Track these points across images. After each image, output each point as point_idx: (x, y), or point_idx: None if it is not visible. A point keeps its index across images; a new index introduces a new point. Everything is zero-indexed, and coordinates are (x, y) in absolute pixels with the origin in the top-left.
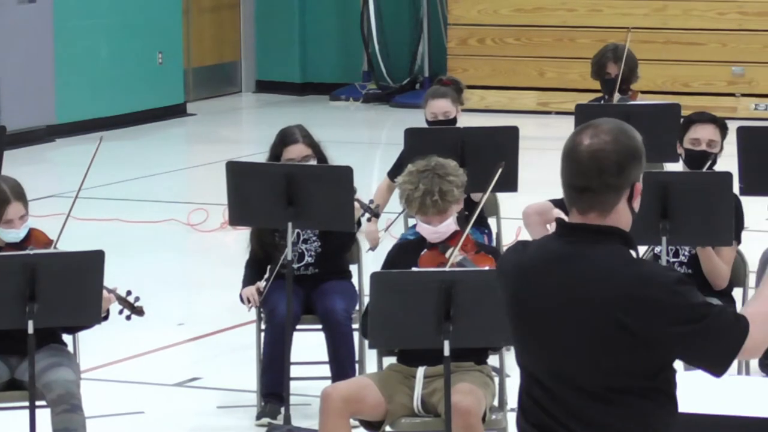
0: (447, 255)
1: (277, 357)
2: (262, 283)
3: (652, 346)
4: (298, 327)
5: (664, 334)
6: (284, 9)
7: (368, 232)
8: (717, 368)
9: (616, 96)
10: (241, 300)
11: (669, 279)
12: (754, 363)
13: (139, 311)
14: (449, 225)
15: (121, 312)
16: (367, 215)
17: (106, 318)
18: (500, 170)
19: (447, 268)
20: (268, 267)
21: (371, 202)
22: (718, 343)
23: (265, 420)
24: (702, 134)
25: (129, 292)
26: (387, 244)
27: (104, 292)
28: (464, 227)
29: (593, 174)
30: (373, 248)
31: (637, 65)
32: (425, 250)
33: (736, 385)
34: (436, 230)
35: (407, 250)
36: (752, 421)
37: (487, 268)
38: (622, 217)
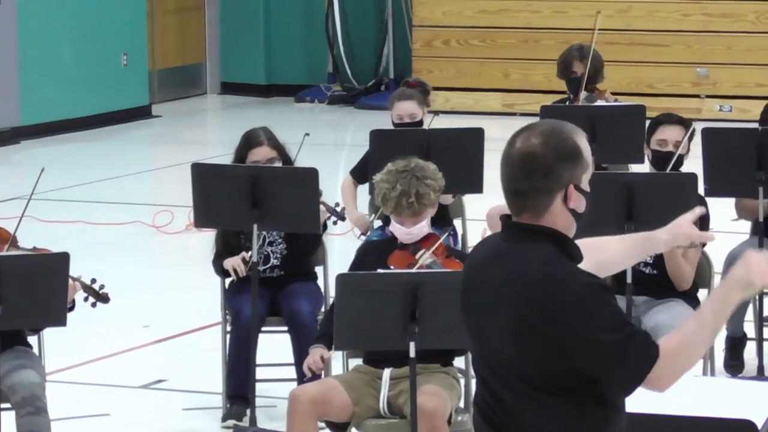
0: (417, 257)
1: (242, 359)
2: (247, 254)
3: (561, 349)
4: (263, 329)
5: (569, 339)
6: (249, 11)
7: (357, 219)
8: (618, 391)
9: (582, 94)
10: (223, 273)
11: (579, 284)
12: (720, 364)
13: (105, 298)
14: (422, 228)
15: (86, 299)
16: (333, 218)
17: (72, 308)
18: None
19: (415, 270)
20: (243, 251)
21: (337, 204)
22: (621, 366)
23: (231, 422)
24: (669, 135)
25: (94, 280)
26: (353, 245)
27: (69, 280)
28: (441, 232)
29: (521, 177)
30: (364, 233)
31: (602, 65)
32: (396, 249)
33: (700, 385)
34: (409, 232)
35: (375, 251)
36: (715, 422)
37: (451, 270)
38: (558, 219)
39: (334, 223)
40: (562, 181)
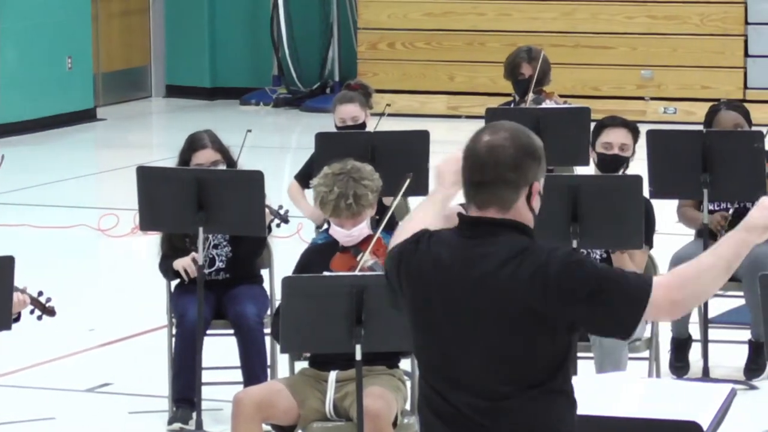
0: (358, 259)
1: (187, 362)
2: (197, 256)
3: (560, 327)
4: (208, 332)
5: (571, 309)
6: (194, 13)
7: (311, 212)
8: (623, 332)
9: (530, 96)
10: (171, 275)
11: (563, 254)
12: (665, 366)
13: (51, 311)
14: (362, 229)
15: (32, 312)
16: (276, 221)
17: (17, 320)
18: (408, 181)
19: (358, 272)
20: (193, 252)
21: (280, 207)
22: (623, 306)
23: (177, 425)
24: (614, 138)
25: (41, 293)
26: (299, 248)
27: (18, 293)
28: (375, 231)
29: (489, 167)
30: (319, 226)
31: (550, 68)
32: (337, 252)
33: (646, 387)
34: (349, 234)
35: (319, 253)
36: (661, 424)
37: None
38: (521, 215)
39: (278, 225)
40: (528, 178)
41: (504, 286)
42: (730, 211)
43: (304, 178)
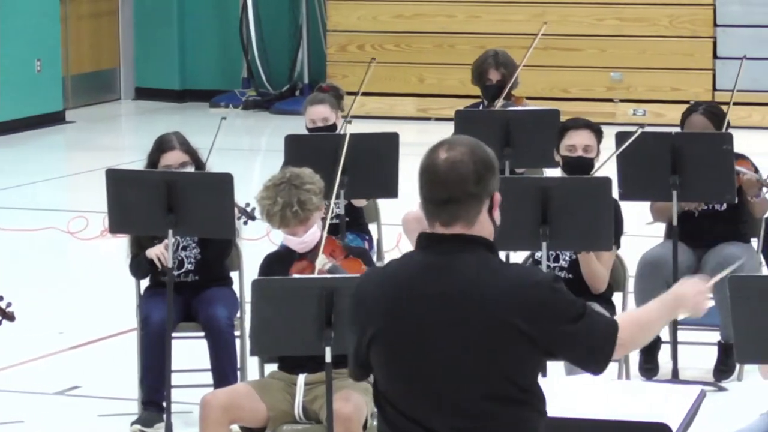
0: (317, 264)
1: (154, 364)
2: (169, 244)
3: (544, 349)
4: (176, 334)
5: (556, 334)
6: (163, 16)
7: None
8: (597, 365)
9: (501, 101)
10: (143, 272)
11: (547, 279)
12: (635, 367)
13: (10, 316)
14: (314, 233)
15: None
16: (243, 219)
17: None
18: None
19: (326, 275)
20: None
21: (247, 205)
22: (597, 340)
23: (136, 427)
24: (577, 140)
25: (0, 297)
26: (269, 251)
27: None
28: (338, 234)
29: (453, 184)
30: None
31: (517, 71)
32: (295, 261)
33: (616, 388)
34: (303, 240)
35: (277, 261)
36: (630, 425)
37: (361, 272)
38: (485, 227)
39: (245, 223)
40: (489, 189)
41: (484, 302)
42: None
43: None
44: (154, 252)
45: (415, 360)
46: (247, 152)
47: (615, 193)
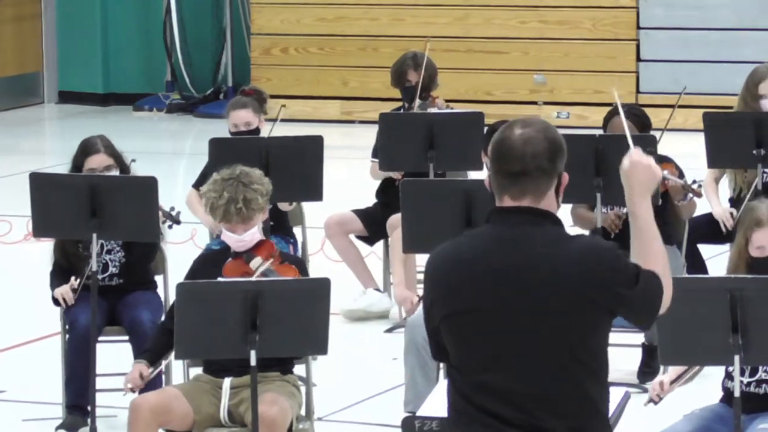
0: (251, 265)
1: (79, 369)
2: (75, 282)
3: (611, 312)
4: (101, 338)
5: (622, 298)
6: (86, 19)
7: (209, 222)
8: (649, 321)
9: (417, 102)
10: (55, 302)
11: (611, 246)
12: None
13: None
14: (254, 234)
15: None
16: (168, 222)
17: None
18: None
19: (253, 278)
20: (72, 277)
21: (172, 209)
22: (651, 298)
23: None
24: None
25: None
26: (193, 254)
27: None
28: (281, 241)
29: (528, 158)
30: (218, 235)
31: (436, 73)
32: (230, 259)
33: None
34: (241, 239)
35: (211, 260)
36: None
37: (291, 278)
38: (552, 205)
39: (170, 227)
40: (559, 169)
41: (557, 273)
42: (624, 210)
43: (201, 185)
44: (59, 293)
45: (493, 332)
46: (171, 156)
47: None
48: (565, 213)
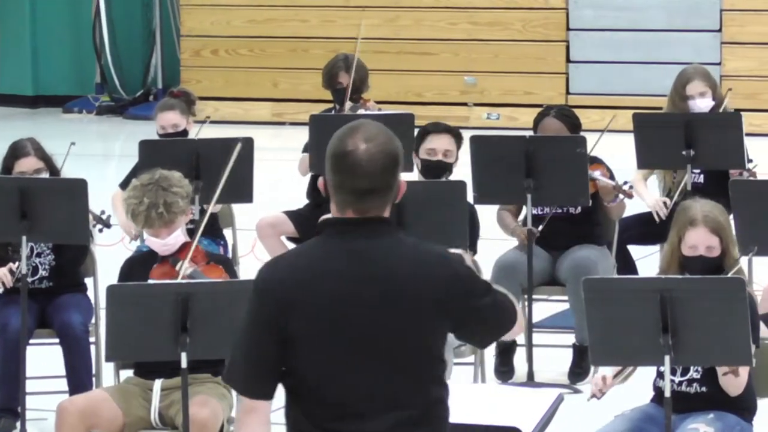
0: (177, 268)
1: (10, 371)
2: (14, 265)
3: (459, 323)
4: (31, 341)
5: (469, 307)
6: (14, 20)
7: (126, 224)
8: (493, 338)
9: (348, 104)
10: None
11: (456, 255)
12: (490, 370)
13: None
14: (178, 237)
15: None
16: (98, 226)
17: None
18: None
19: (185, 280)
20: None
21: (102, 212)
22: (499, 318)
23: None
24: (437, 144)
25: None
26: (123, 256)
27: None
28: (193, 239)
29: (377, 176)
30: (134, 238)
31: (367, 75)
32: (156, 264)
33: (470, 392)
34: (165, 243)
35: (138, 264)
36: (481, 430)
37: (221, 279)
38: (389, 210)
39: (100, 230)
40: (398, 178)
41: (408, 281)
42: (540, 228)
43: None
44: None
45: (343, 345)
46: (101, 158)
47: (470, 197)
48: (491, 214)
